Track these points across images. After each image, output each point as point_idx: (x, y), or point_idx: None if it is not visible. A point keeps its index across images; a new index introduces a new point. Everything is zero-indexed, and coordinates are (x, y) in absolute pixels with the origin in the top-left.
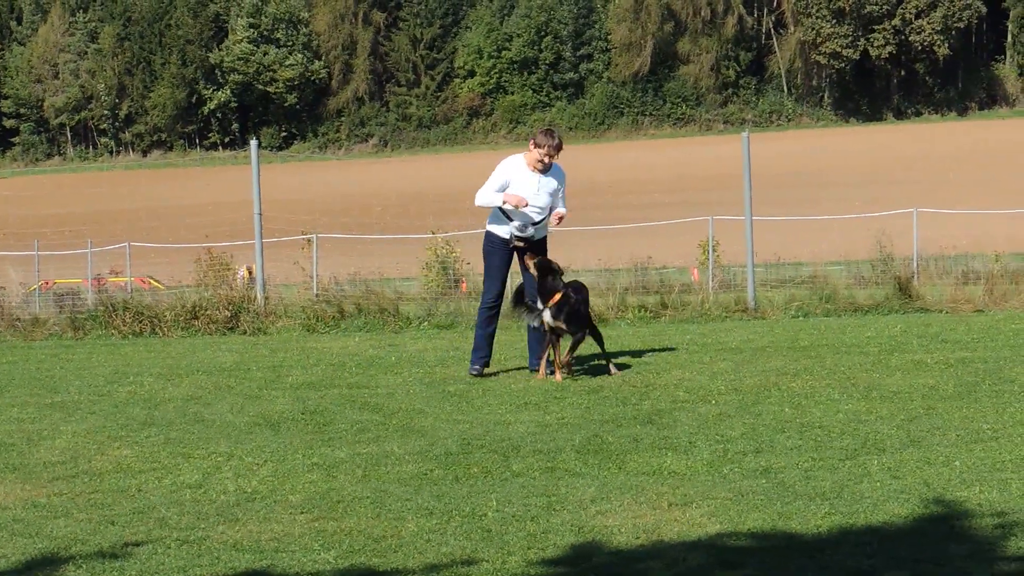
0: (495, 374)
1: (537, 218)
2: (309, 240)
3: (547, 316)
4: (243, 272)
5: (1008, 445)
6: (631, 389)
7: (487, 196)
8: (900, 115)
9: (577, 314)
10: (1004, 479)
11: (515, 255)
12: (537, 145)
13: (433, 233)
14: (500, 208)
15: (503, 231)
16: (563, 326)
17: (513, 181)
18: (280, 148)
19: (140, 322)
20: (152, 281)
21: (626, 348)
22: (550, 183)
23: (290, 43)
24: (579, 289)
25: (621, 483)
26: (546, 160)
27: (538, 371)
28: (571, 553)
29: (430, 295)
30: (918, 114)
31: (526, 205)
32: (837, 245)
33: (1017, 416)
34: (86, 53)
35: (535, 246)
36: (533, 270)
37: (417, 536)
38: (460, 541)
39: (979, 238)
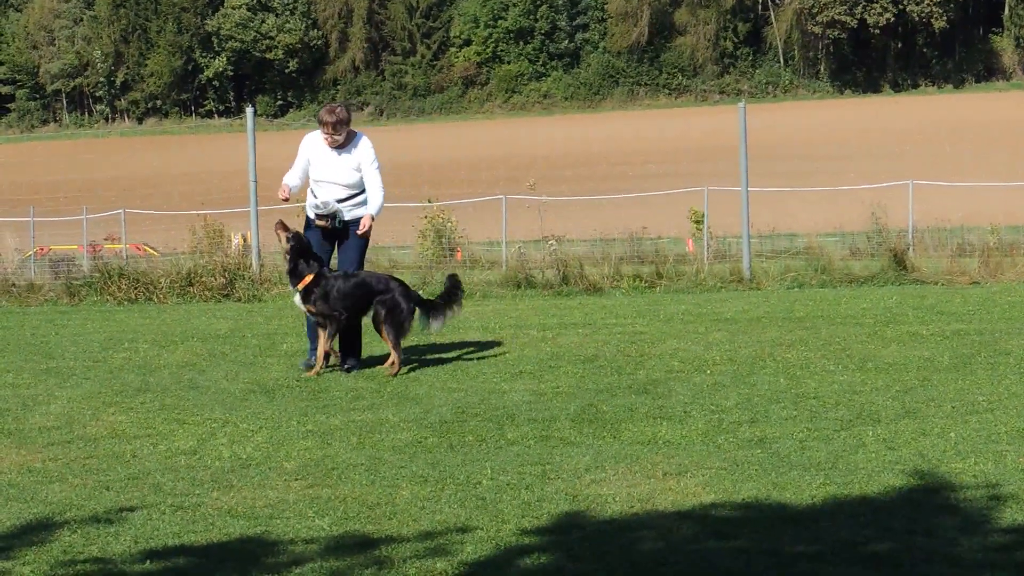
0: (491, 343)
1: (342, 194)
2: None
3: (296, 299)
4: (238, 239)
5: (1003, 417)
6: (626, 359)
7: (290, 175)
8: (897, 87)
9: (328, 298)
10: (999, 451)
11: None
12: (320, 123)
13: (429, 201)
14: (310, 189)
15: (312, 213)
16: (313, 309)
17: (312, 159)
18: (276, 116)
19: (135, 289)
20: (147, 248)
21: (621, 317)
22: (351, 159)
23: (288, 11)
24: (349, 277)
25: (615, 452)
26: (328, 139)
27: (312, 368)
28: (565, 521)
29: (425, 263)
30: (915, 86)
31: (286, 198)
32: (832, 217)
33: (1012, 388)
34: (82, 20)
35: (346, 229)
36: (284, 244)
37: (411, 503)
38: (454, 509)
39: (975, 211)
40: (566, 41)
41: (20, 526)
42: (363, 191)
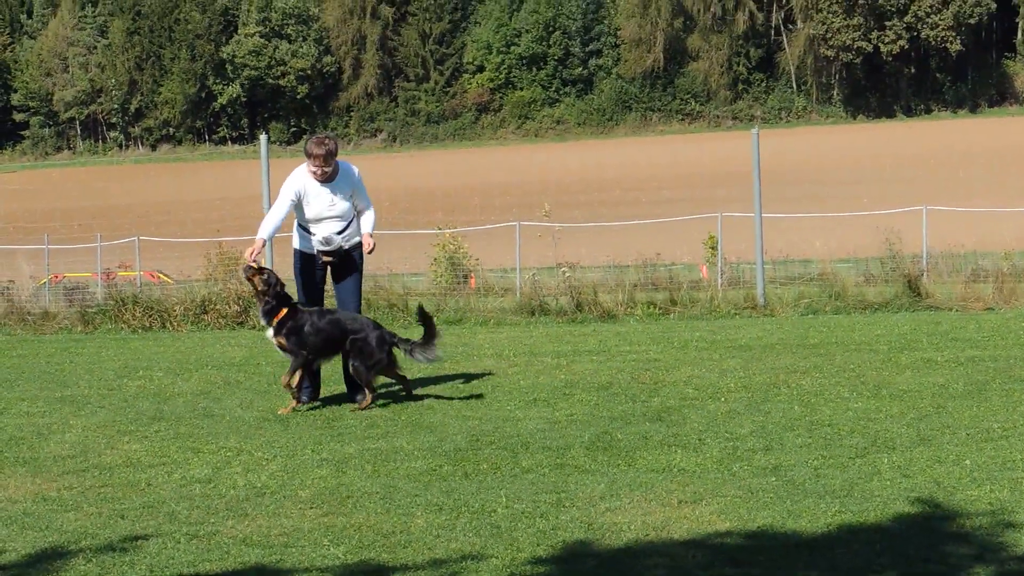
0: (504, 371)
1: (339, 227)
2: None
3: (269, 333)
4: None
5: (1018, 444)
6: (640, 386)
7: (266, 224)
8: (910, 112)
9: (300, 334)
10: (1015, 478)
11: (328, 270)
12: (308, 156)
13: (441, 229)
14: (300, 224)
15: (309, 247)
16: (283, 343)
17: (305, 198)
18: (289, 143)
19: (150, 316)
20: (161, 275)
21: (635, 344)
22: (342, 189)
23: (301, 37)
24: (324, 315)
25: (630, 480)
26: (319, 171)
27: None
28: (580, 549)
29: (439, 290)
30: (928, 111)
31: (260, 250)
32: (846, 242)
33: None
34: (95, 47)
35: (347, 257)
36: (260, 286)
37: (426, 532)
38: (469, 537)
39: (988, 236)
40: (579, 67)
41: (35, 555)
42: (354, 218)
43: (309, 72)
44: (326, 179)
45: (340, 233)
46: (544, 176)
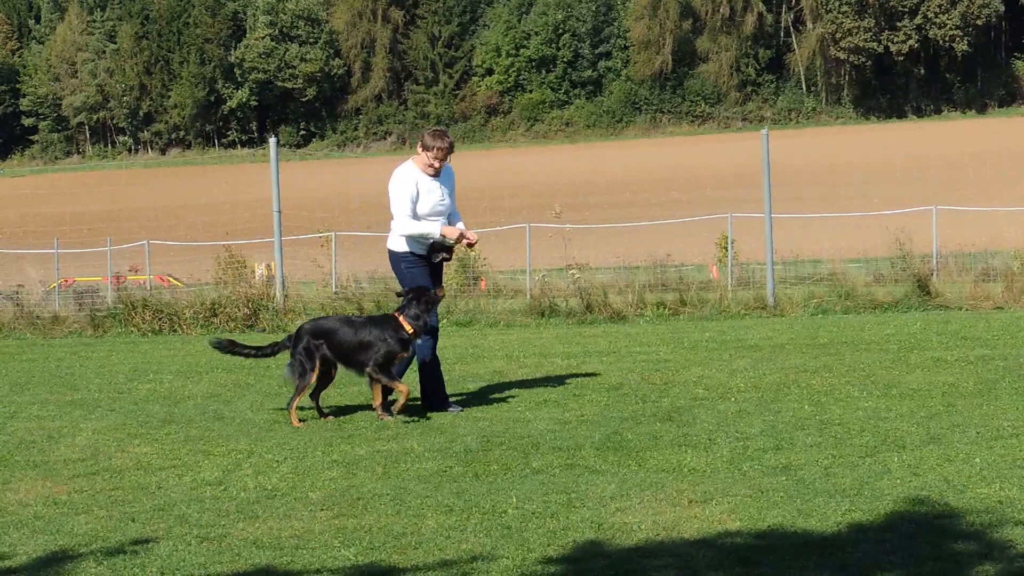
0: (515, 372)
1: (444, 223)
2: (328, 238)
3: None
4: (262, 270)
5: None
6: (650, 387)
7: (410, 225)
8: (920, 112)
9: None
10: None
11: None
12: (425, 148)
13: None
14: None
15: (420, 248)
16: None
17: (419, 191)
18: (299, 146)
19: (160, 320)
20: (171, 279)
21: (645, 345)
22: (447, 185)
23: (310, 40)
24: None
25: (641, 480)
26: (436, 164)
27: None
28: (591, 549)
29: (449, 293)
30: (938, 111)
31: (460, 238)
32: (856, 243)
33: None
34: (104, 52)
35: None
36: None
37: (437, 533)
38: (480, 538)
39: (998, 235)
40: (589, 69)
41: (46, 558)
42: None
43: (318, 75)
44: (434, 174)
45: None
46: (554, 178)
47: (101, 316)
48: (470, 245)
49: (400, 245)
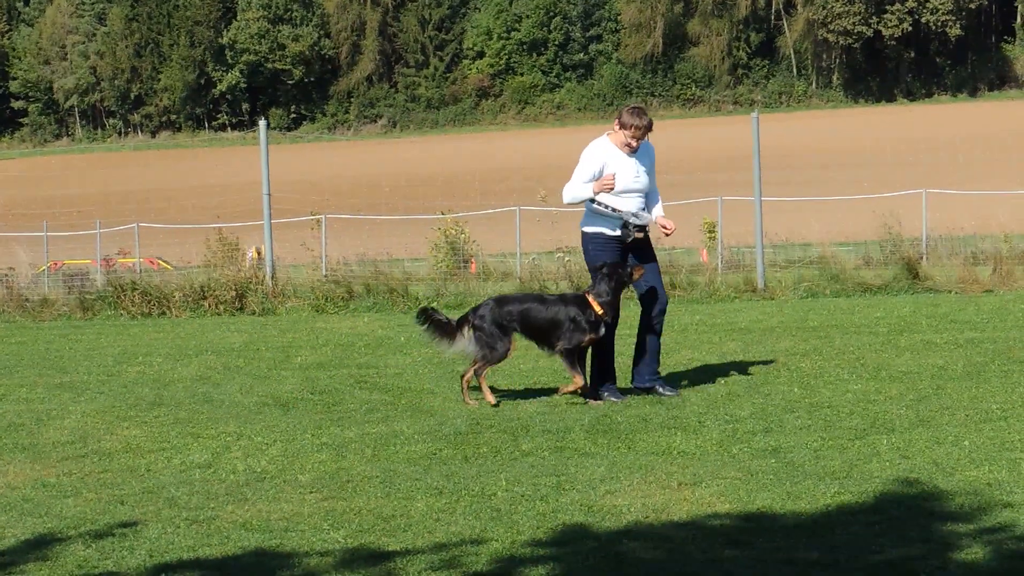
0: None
1: (641, 203)
2: (318, 221)
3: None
4: (252, 253)
5: (1017, 424)
6: None
7: (575, 189)
8: (910, 96)
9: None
10: (1013, 458)
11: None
12: (623, 126)
13: (443, 214)
14: (592, 202)
15: (610, 229)
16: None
17: (609, 167)
18: (289, 129)
19: (149, 303)
20: (161, 262)
21: (634, 328)
22: (644, 162)
23: (304, 22)
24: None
25: (630, 463)
26: (634, 143)
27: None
28: (580, 532)
29: (439, 276)
30: (928, 95)
31: (611, 187)
32: (845, 226)
33: None
34: (94, 35)
35: (647, 235)
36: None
37: (426, 515)
38: (469, 520)
39: (987, 219)
40: (580, 52)
41: (34, 540)
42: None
43: (308, 53)
44: (631, 152)
45: (643, 209)
46: (544, 161)
47: (90, 299)
48: (665, 232)
49: (589, 225)
